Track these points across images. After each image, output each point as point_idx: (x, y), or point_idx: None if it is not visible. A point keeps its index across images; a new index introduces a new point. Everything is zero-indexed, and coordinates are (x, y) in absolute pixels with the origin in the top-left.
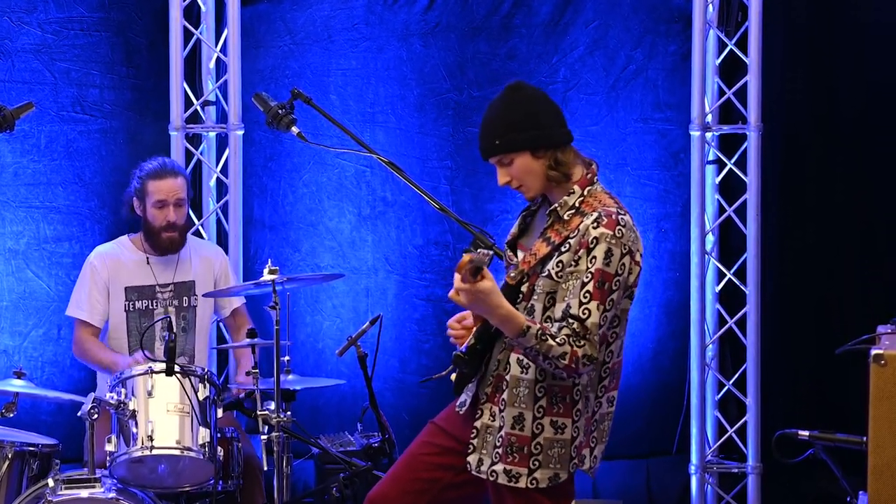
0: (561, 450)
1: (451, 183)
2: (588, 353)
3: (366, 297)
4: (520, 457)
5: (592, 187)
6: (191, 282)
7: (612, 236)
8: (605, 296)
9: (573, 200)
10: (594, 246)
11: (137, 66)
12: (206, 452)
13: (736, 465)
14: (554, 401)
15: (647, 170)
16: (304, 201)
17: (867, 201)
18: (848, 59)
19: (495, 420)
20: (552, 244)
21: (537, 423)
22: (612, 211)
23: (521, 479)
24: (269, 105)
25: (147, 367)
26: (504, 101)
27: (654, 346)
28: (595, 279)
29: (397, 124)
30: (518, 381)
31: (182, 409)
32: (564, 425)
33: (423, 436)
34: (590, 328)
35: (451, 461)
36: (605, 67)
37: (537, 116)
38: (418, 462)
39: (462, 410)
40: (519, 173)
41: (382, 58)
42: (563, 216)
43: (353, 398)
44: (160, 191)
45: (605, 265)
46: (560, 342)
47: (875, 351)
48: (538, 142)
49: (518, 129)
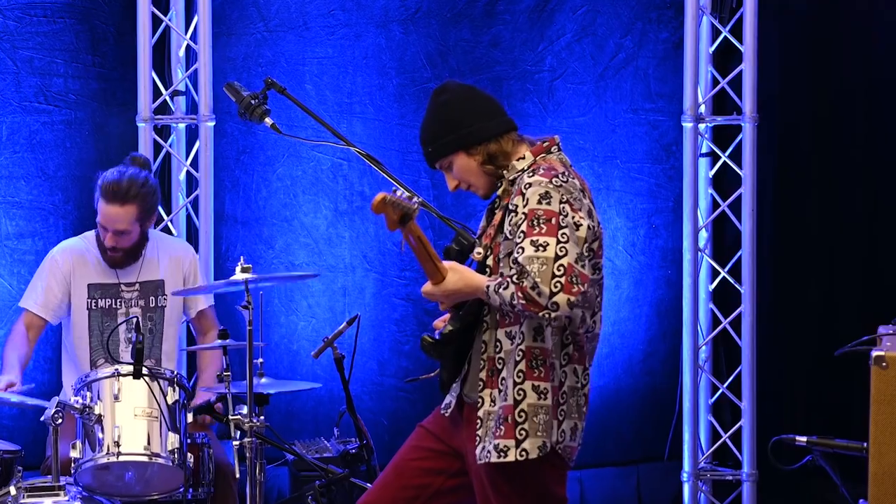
0: (546, 416)
1: (432, 177)
2: (531, 282)
3: (343, 296)
4: (505, 428)
5: (549, 155)
6: (159, 281)
7: (546, 182)
8: (552, 230)
9: (522, 165)
10: (527, 190)
11: (103, 54)
12: (175, 459)
13: (730, 473)
14: (534, 364)
15: (638, 163)
16: (278, 196)
17: (868, 196)
18: (850, 46)
19: (496, 404)
20: (504, 209)
21: (518, 389)
22: (555, 168)
23: (509, 452)
24: (242, 95)
25: (114, 370)
26: (429, 108)
27: (645, 348)
28: (528, 218)
29: (376, 115)
30: (510, 353)
31: (150, 413)
32: (546, 390)
33: (412, 440)
34: (523, 263)
35: (441, 465)
36: (594, 55)
37: (458, 115)
38: (408, 468)
39: (447, 412)
40: (461, 175)
41: (360, 45)
42: (512, 178)
43: (329, 402)
44: (101, 213)
45: (538, 204)
46: (505, 286)
47: (876, 353)
48: (466, 140)
49: (443, 132)
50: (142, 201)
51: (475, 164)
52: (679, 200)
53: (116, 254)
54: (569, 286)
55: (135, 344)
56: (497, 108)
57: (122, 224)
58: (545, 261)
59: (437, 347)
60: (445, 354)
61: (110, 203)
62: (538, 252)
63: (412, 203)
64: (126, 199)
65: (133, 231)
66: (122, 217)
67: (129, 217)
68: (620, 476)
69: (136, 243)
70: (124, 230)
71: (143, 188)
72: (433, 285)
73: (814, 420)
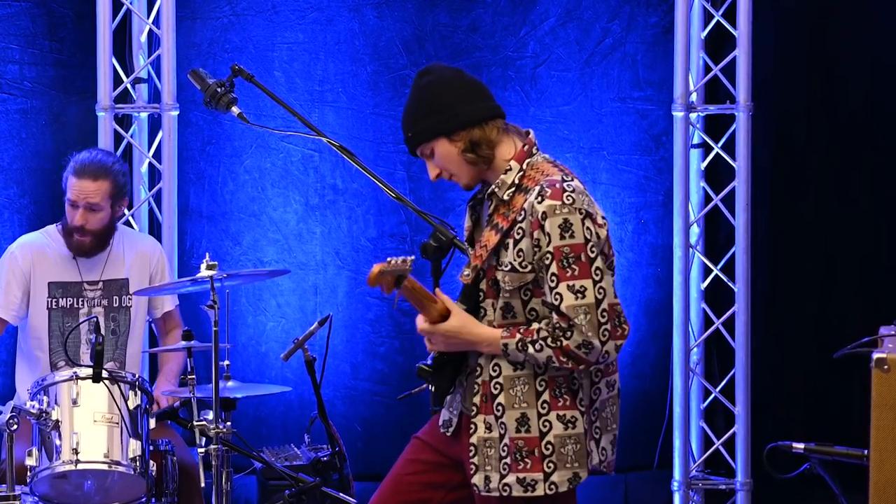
0: (576, 446)
1: (409, 169)
2: (580, 340)
3: (314, 294)
4: (532, 461)
5: (532, 159)
6: (123, 279)
7: (561, 205)
8: (585, 269)
9: (511, 178)
10: (544, 222)
11: (61, 39)
12: (136, 467)
13: (723, 482)
14: (558, 393)
15: (626, 154)
16: (245, 189)
17: (869, 189)
18: (849, 32)
19: (493, 430)
20: (501, 230)
21: (544, 421)
22: (555, 180)
23: (537, 486)
24: (207, 83)
25: (72, 373)
26: (411, 92)
27: (633, 350)
28: (556, 259)
29: (349, 104)
30: (513, 380)
31: (111, 419)
32: (574, 418)
33: (407, 453)
34: (567, 312)
35: (440, 479)
36: (579, 41)
37: (441, 99)
38: (404, 483)
39: (448, 431)
40: (442, 163)
41: (332, 30)
42: (504, 196)
43: (299, 407)
44: (72, 189)
45: (563, 239)
46: (538, 348)
47: (877, 355)
48: (447, 125)
49: (424, 116)
50: (115, 179)
51: (456, 151)
52: (669, 194)
53: (85, 237)
54: (615, 331)
55: (94, 345)
56: (483, 93)
57: (95, 196)
58: (588, 309)
59: (433, 374)
60: (444, 378)
61: (82, 178)
62: (578, 300)
63: (406, 265)
64: (98, 174)
65: (104, 209)
66: (94, 190)
67: (102, 191)
68: (607, 485)
69: (105, 227)
70: (96, 204)
71: (115, 166)
72: (429, 323)
73: (811, 426)
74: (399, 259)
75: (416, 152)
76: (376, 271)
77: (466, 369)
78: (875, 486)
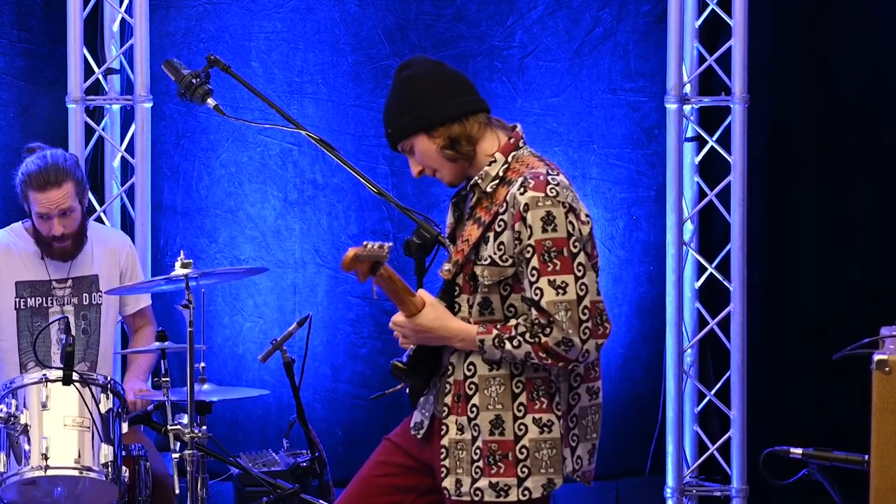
0: (552, 451)
1: (391, 163)
2: (559, 337)
3: (293, 294)
4: (505, 465)
5: (518, 152)
6: (93, 276)
7: (544, 197)
8: (567, 264)
9: (496, 170)
10: (526, 214)
11: (30, 28)
12: (108, 473)
13: (718, 488)
14: (535, 395)
15: (617, 148)
16: (221, 184)
17: (868, 184)
18: (846, 21)
19: (465, 432)
20: (483, 224)
21: (519, 424)
22: (539, 172)
23: (511, 491)
24: (182, 73)
25: (41, 375)
26: (392, 86)
27: (624, 352)
28: (538, 252)
29: (329, 95)
30: (489, 380)
31: (81, 423)
32: (550, 422)
33: (377, 455)
34: (547, 308)
35: (410, 482)
36: (568, 30)
37: (420, 95)
38: (373, 486)
39: (419, 434)
40: (423, 160)
41: (312, 19)
42: (487, 188)
43: (278, 411)
44: (41, 203)
45: (545, 233)
46: (516, 344)
47: (878, 356)
48: (425, 121)
49: (403, 112)
50: (74, 176)
51: (435, 148)
52: (662, 189)
53: (65, 242)
54: (596, 329)
55: (64, 346)
56: (465, 87)
57: (65, 202)
58: (569, 305)
59: (408, 372)
60: (418, 377)
61: (46, 190)
62: (559, 296)
63: (382, 251)
64: (60, 178)
65: (76, 209)
66: (62, 196)
67: (70, 193)
68: (598, 492)
69: (81, 225)
70: (69, 208)
71: (68, 162)
72: (405, 317)
73: (810, 430)
74: (376, 244)
75: (398, 148)
76: (351, 255)
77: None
78: (876, 492)
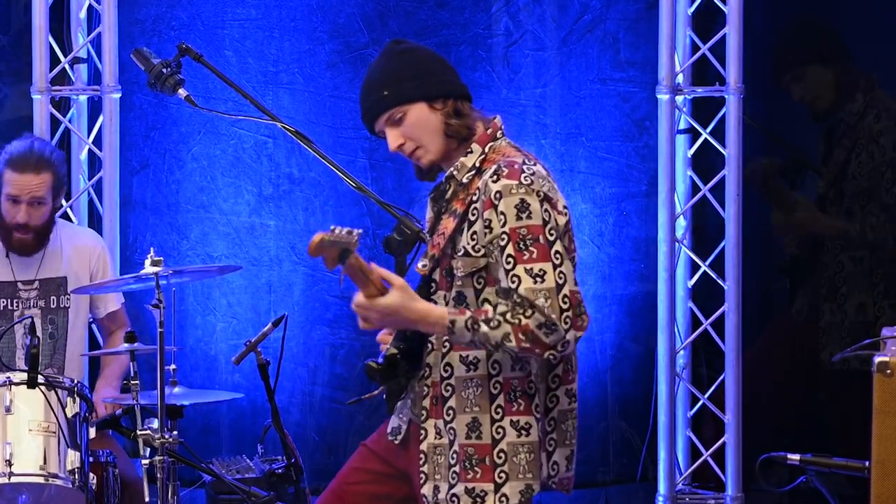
0: (529, 455)
1: (371, 156)
2: (542, 320)
3: (268, 293)
4: (482, 470)
5: (495, 143)
6: (61, 278)
7: (518, 185)
8: (543, 252)
9: (472, 160)
10: (498, 202)
11: None
12: (75, 480)
13: (712, 496)
14: (512, 397)
15: (606, 141)
16: (193, 178)
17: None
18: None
19: (443, 436)
20: (457, 216)
21: (497, 427)
22: (514, 161)
23: (487, 497)
24: (152, 63)
25: (5, 378)
26: (387, 56)
27: (614, 353)
28: (513, 240)
29: (305, 85)
30: (466, 381)
31: (47, 428)
32: (529, 425)
33: (353, 461)
34: (526, 295)
35: (385, 490)
36: (556, 18)
37: (423, 65)
38: (348, 493)
39: (396, 440)
40: (414, 131)
41: (288, 5)
42: (463, 180)
43: (252, 415)
44: (14, 184)
45: (519, 220)
46: (494, 325)
47: (879, 358)
48: (433, 89)
49: (408, 77)
50: (56, 170)
51: (437, 119)
52: (653, 183)
53: (27, 234)
54: (576, 320)
55: (29, 348)
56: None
57: (39, 190)
58: (548, 293)
59: (383, 373)
60: (393, 378)
61: (24, 172)
62: (538, 284)
63: (351, 237)
64: (40, 166)
65: (48, 203)
66: (38, 183)
67: (46, 184)
68: (587, 499)
69: (47, 222)
70: (41, 197)
71: (54, 156)
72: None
73: (808, 435)
74: (344, 230)
75: (383, 118)
76: (317, 240)
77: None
78: (877, 499)
